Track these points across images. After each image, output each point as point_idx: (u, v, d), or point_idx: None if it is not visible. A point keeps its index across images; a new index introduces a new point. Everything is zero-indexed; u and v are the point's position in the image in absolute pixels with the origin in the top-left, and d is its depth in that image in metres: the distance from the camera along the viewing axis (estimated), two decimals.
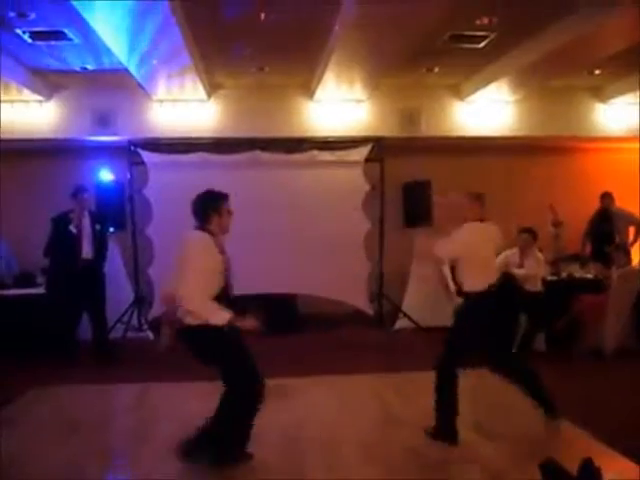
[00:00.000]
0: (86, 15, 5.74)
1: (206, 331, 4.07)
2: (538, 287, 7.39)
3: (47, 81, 8.91)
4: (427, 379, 5.61)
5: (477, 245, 4.83)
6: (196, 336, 4.15)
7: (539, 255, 7.57)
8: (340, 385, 6.48)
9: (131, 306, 8.81)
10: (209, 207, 4.52)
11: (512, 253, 7.42)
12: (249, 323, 4.28)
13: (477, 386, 5.60)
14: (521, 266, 7.34)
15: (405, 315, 9.25)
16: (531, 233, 7.43)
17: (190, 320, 4.11)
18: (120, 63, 7.40)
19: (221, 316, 4.09)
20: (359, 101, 9.52)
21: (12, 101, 8.99)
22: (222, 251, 4.50)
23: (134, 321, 8.84)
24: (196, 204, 4.54)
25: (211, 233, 4.40)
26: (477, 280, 4.74)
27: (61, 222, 7.53)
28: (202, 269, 4.22)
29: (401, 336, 8.97)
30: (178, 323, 4.20)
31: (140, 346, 8.45)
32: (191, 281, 4.13)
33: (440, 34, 7.21)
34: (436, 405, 4.74)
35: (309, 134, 9.50)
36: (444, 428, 4.67)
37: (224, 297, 4.41)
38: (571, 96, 9.93)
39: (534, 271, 7.36)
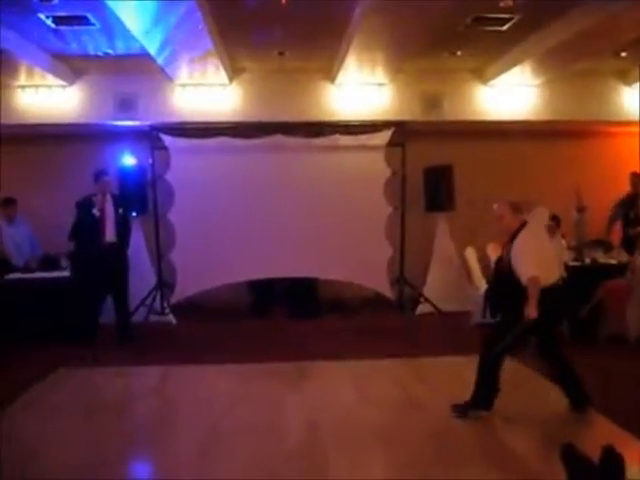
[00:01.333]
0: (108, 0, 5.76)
1: None
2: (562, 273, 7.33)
3: (70, 66, 8.96)
4: (447, 364, 5.66)
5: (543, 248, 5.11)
6: None
7: (562, 241, 7.50)
8: (360, 369, 6.50)
9: (153, 290, 8.89)
10: None
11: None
12: None
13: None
14: None
15: (426, 300, 9.24)
16: (554, 219, 7.37)
17: None
18: (142, 48, 7.41)
19: None
20: (381, 85, 9.46)
21: (36, 86, 9.07)
22: None
23: (156, 305, 8.92)
24: None
25: None
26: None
27: (84, 206, 7.63)
28: None
29: (422, 321, 8.97)
30: None
31: (162, 329, 8.56)
32: None
33: (463, 17, 7.13)
34: (482, 381, 4.93)
35: (330, 118, 9.46)
36: (484, 399, 4.89)
37: None
38: (596, 79, 9.78)
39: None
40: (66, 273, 8.07)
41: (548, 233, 7.30)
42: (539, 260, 4.87)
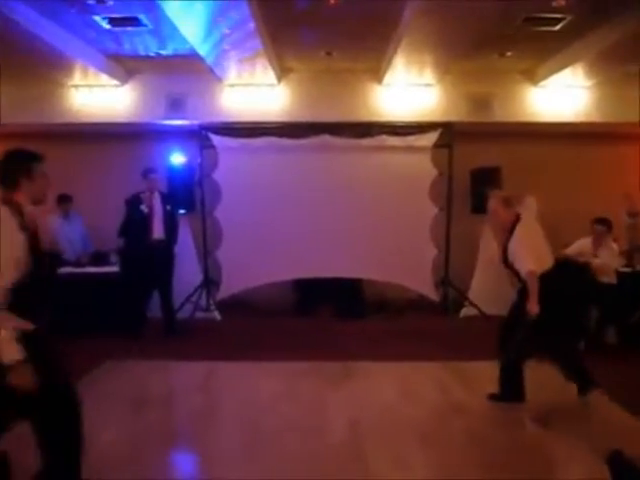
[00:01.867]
0: (160, 1, 5.87)
1: None
2: (612, 279, 7.21)
3: (123, 66, 9.14)
4: (490, 368, 5.59)
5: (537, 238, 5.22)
6: None
7: (614, 246, 7.37)
8: (403, 371, 6.48)
9: (200, 287, 9.03)
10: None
11: (585, 242, 7.26)
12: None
13: (539, 376, 5.51)
14: (595, 257, 7.19)
15: (471, 303, 9.16)
16: (606, 224, 7.24)
17: None
18: (192, 49, 7.53)
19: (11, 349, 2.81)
20: (429, 85, 9.41)
21: (90, 86, 9.29)
22: (25, 226, 3.03)
23: (202, 301, 9.05)
24: None
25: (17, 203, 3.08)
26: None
27: (133, 203, 7.81)
28: None
29: (466, 324, 8.90)
30: None
31: (207, 325, 8.67)
32: None
33: (514, 17, 7.03)
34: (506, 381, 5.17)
35: (378, 119, 9.44)
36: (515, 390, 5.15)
37: (37, 281, 3.07)
38: None
39: (608, 262, 7.18)
40: (115, 268, 8.25)
41: (599, 238, 7.24)
42: (535, 253, 5.04)
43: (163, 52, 8.33)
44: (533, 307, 4.79)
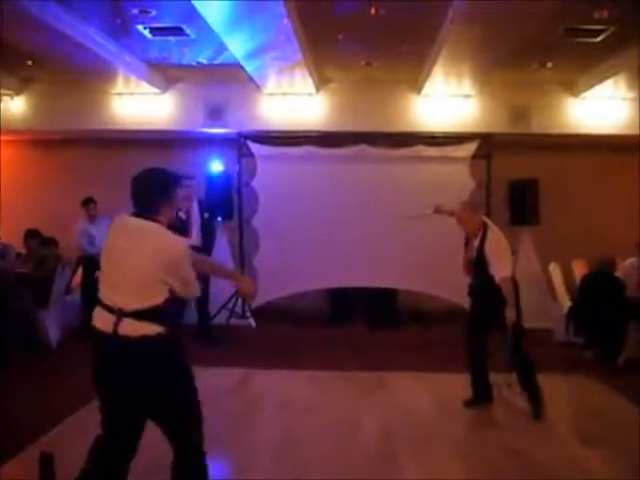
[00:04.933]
0: (203, 11, 5.97)
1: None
2: None
3: (164, 75, 9.29)
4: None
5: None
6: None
7: None
8: (437, 382, 6.47)
9: (235, 294, 9.08)
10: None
11: (632, 264, 7.35)
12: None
13: (576, 392, 5.45)
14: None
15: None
16: None
17: None
18: (233, 58, 7.63)
19: None
20: (467, 96, 9.38)
21: (131, 93, 9.46)
22: None
23: (238, 308, 9.11)
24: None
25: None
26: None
27: None
28: None
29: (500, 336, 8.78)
30: None
31: (242, 333, 8.73)
32: None
33: (554, 28, 6.97)
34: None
35: (416, 129, 9.45)
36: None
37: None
38: None
39: None
40: None
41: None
42: (509, 258, 5.19)
43: (204, 61, 8.44)
44: (511, 314, 4.95)
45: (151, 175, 3.17)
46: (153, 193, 3.13)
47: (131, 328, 2.90)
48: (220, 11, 5.95)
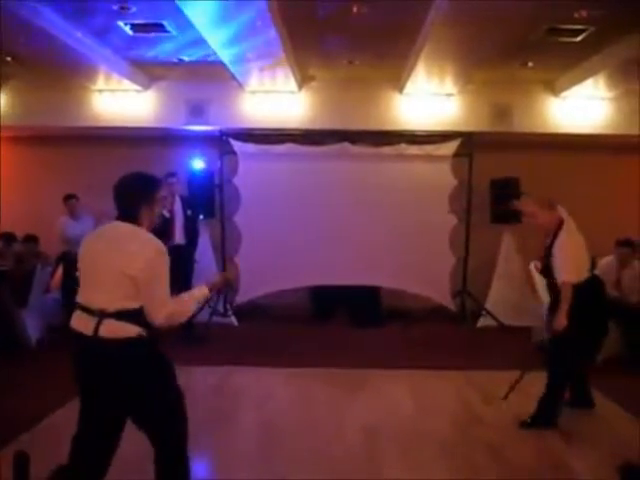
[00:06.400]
0: (185, 8, 5.93)
1: None
2: (636, 300, 7.14)
3: (145, 72, 9.22)
4: (508, 378, 5.59)
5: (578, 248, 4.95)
6: None
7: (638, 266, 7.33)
8: (419, 379, 6.49)
9: (217, 291, 9.05)
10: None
11: (609, 262, 7.28)
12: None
13: None
14: (617, 280, 7.18)
15: (488, 313, 9.13)
16: (630, 246, 7.23)
17: None
18: (214, 55, 7.60)
19: None
20: (449, 95, 9.41)
21: (112, 90, 9.39)
22: None
23: (219, 306, 9.09)
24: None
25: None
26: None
27: None
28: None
29: (483, 334, 8.85)
30: None
31: (224, 331, 8.71)
32: None
33: (536, 28, 7.02)
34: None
35: (398, 127, 9.47)
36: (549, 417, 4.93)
37: None
38: None
39: (632, 284, 7.14)
40: None
41: (624, 260, 7.20)
42: (575, 263, 4.85)
43: (185, 58, 8.40)
44: (562, 320, 4.67)
45: (132, 180, 3.19)
46: (133, 197, 3.14)
47: (112, 329, 2.89)
48: (202, 8, 5.92)
